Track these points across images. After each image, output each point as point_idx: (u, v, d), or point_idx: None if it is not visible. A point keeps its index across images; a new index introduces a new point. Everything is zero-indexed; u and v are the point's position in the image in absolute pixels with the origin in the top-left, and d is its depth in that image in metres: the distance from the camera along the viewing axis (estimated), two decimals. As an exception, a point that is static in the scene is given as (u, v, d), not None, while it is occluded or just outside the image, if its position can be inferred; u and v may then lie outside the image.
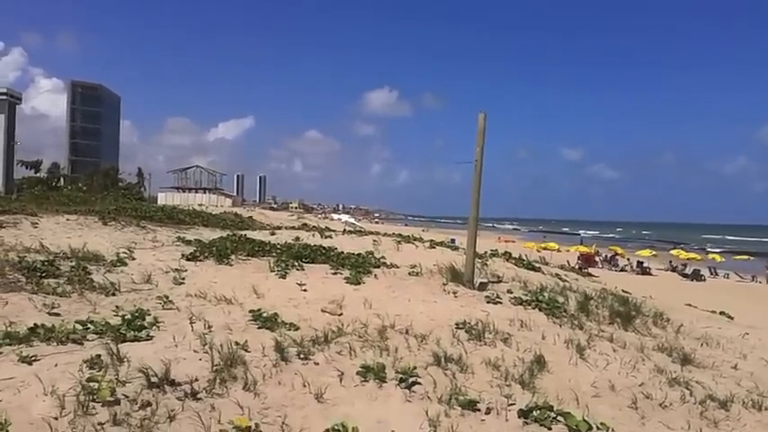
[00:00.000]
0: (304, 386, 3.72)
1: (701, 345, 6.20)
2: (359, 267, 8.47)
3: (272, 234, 14.41)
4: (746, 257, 47.27)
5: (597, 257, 39.27)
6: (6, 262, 6.60)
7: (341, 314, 5.62)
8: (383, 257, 10.16)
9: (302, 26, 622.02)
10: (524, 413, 3.58)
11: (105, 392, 3.11)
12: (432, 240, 14.85)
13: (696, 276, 34.58)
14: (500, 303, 6.84)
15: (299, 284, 7.13)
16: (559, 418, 3.53)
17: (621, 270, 37.04)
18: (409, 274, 8.23)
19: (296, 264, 8.52)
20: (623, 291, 9.95)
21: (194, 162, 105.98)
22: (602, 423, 3.53)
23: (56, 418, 2.92)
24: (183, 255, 8.81)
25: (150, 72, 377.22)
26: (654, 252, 43.22)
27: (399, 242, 13.16)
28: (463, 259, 8.31)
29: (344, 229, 19.76)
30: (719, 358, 5.60)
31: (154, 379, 3.39)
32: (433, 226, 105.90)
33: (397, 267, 8.83)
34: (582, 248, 40.53)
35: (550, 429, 3.48)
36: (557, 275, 10.29)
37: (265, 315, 5.15)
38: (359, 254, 10.01)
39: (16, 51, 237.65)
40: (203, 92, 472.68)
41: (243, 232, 13.82)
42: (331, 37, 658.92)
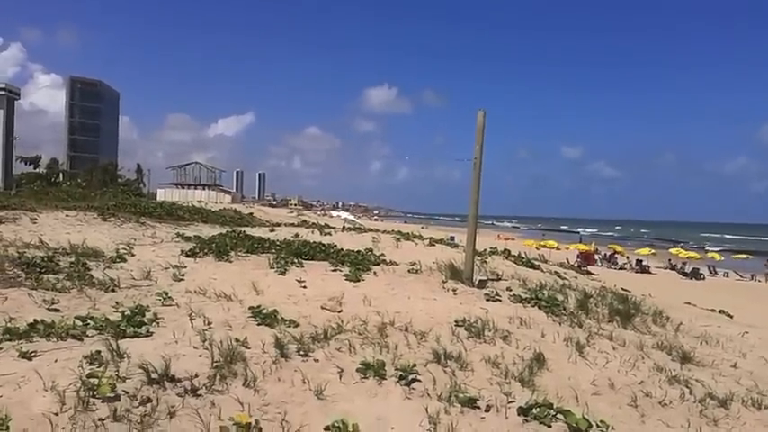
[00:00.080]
0: (304, 383, 3.72)
1: (701, 343, 6.21)
2: (358, 264, 8.47)
3: (272, 231, 14.44)
4: (745, 256, 47.33)
5: (596, 255, 39.32)
6: (6, 257, 6.59)
7: (340, 311, 5.62)
8: (382, 255, 10.16)
9: (303, 24, 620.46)
10: (524, 411, 3.59)
11: (105, 388, 3.10)
12: (431, 238, 14.89)
13: (695, 275, 34.60)
14: (499, 301, 6.85)
15: (299, 281, 7.13)
16: (559, 416, 3.53)
17: (621, 268, 37.11)
18: (409, 272, 8.23)
19: (295, 261, 8.52)
20: (622, 289, 9.96)
21: (194, 158, 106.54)
22: (601, 421, 3.53)
23: (56, 414, 2.92)
24: (183, 251, 8.81)
25: (150, 68, 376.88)
26: (653, 250, 43.16)
27: (399, 239, 13.19)
28: (462, 257, 8.31)
29: (344, 226, 19.80)
30: (719, 357, 5.62)
31: (154, 375, 3.39)
32: (433, 223, 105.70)
33: (397, 264, 8.83)
34: (581, 246, 40.63)
35: (550, 427, 3.48)
36: (556, 273, 10.29)
37: (265, 312, 5.15)
38: (358, 251, 10.01)
39: (15, 47, 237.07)
40: (203, 88, 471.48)
41: (242, 229, 13.85)
42: (331, 35, 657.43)
